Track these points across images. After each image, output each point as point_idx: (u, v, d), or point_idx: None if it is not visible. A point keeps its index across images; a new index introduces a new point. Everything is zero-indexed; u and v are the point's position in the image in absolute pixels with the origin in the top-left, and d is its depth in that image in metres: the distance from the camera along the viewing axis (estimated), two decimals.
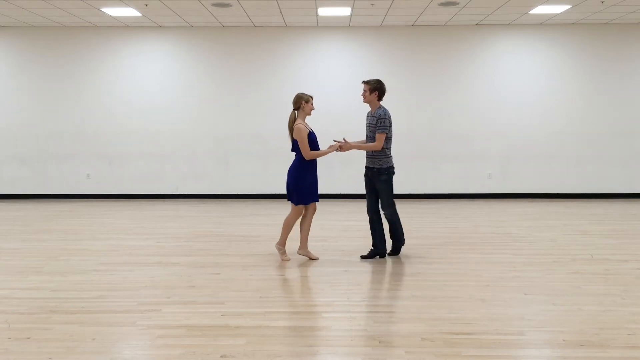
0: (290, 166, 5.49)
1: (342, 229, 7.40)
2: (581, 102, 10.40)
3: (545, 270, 5.20)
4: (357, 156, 9.83)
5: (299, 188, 5.38)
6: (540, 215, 8.50)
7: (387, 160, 5.46)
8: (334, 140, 5.51)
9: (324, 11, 9.08)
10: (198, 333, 3.60)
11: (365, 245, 5.91)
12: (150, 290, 4.57)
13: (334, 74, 10.38)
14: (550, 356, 3.31)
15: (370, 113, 5.53)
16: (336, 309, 4.10)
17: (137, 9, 8.87)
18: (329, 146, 5.44)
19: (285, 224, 5.57)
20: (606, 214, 8.62)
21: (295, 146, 5.40)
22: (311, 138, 5.36)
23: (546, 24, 10.22)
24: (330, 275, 5.05)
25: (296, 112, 5.39)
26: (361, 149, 5.55)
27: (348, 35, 10.38)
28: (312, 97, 5.44)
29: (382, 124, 5.33)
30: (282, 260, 5.54)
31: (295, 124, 5.34)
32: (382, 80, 5.50)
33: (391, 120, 5.41)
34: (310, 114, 5.42)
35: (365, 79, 5.57)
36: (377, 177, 5.48)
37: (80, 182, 10.61)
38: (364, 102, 5.52)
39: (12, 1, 8.41)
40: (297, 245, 5.72)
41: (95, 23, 10.01)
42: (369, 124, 5.50)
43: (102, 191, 10.62)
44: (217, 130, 10.53)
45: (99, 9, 8.89)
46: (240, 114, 10.49)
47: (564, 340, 3.48)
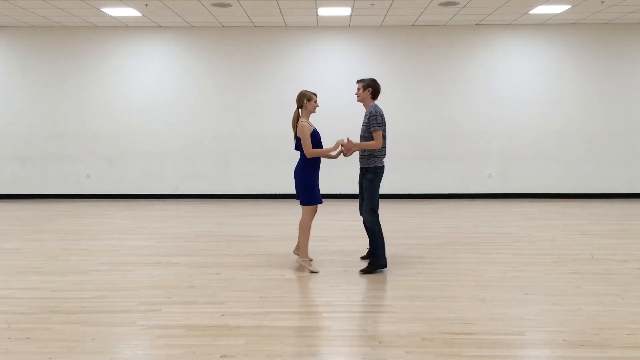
0: (296, 167, 5.30)
1: (342, 229, 7.40)
2: (581, 102, 10.41)
3: (545, 270, 5.20)
4: (357, 156, 9.88)
5: (310, 188, 5.18)
6: (540, 215, 8.50)
7: (374, 159, 5.15)
8: (337, 144, 5.20)
9: (324, 11, 9.08)
10: (198, 333, 3.60)
11: (366, 245, 5.90)
12: (150, 290, 4.57)
13: (334, 74, 10.38)
14: (550, 356, 3.31)
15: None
16: (336, 309, 4.10)
17: (137, 9, 8.87)
18: (334, 145, 5.20)
19: (302, 229, 5.24)
20: (606, 214, 8.62)
21: (299, 145, 5.21)
22: (315, 137, 5.19)
23: (546, 24, 10.22)
24: (330, 275, 5.05)
25: (300, 110, 5.23)
26: (363, 147, 5.15)
27: (348, 35, 10.38)
28: (315, 95, 5.24)
29: (375, 121, 5.05)
30: (312, 273, 5.15)
31: (299, 121, 5.17)
32: (378, 80, 5.26)
33: (384, 118, 5.14)
34: (314, 111, 5.24)
35: (364, 76, 5.32)
36: (365, 176, 5.21)
37: (80, 182, 10.61)
38: (358, 100, 5.28)
39: (12, 1, 8.41)
40: (293, 245, 5.71)
41: (95, 23, 10.01)
42: (363, 123, 5.23)
43: (102, 191, 10.63)
44: (217, 130, 10.53)
45: (99, 9, 8.89)
46: (240, 114, 10.49)
47: (564, 340, 3.48)
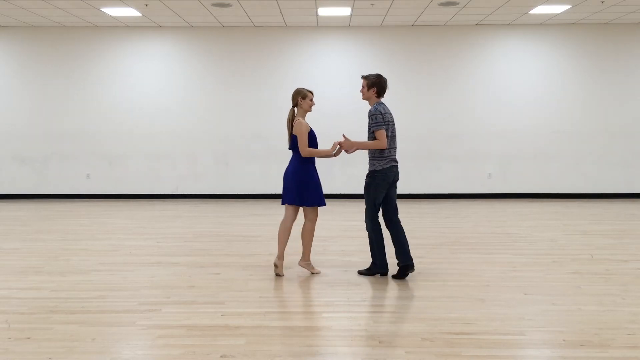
0: (288, 167, 5.03)
1: (342, 229, 7.39)
2: (581, 102, 10.41)
3: (545, 270, 5.19)
4: (357, 156, 9.84)
5: (314, 186, 4.97)
6: (540, 215, 8.50)
7: (373, 162, 4.87)
8: (335, 145, 4.95)
9: (324, 11, 9.08)
10: (198, 333, 3.60)
11: (366, 245, 5.89)
12: (150, 290, 4.56)
13: (334, 74, 10.38)
14: (550, 356, 3.30)
15: None
16: (336, 309, 4.10)
17: (137, 9, 8.87)
18: (331, 146, 4.92)
19: (306, 233, 5.04)
20: (606, 214, 8.62)
21: (294, 144, 4.95)
22: (311, 137, 4.96)
23: (546, 24, 10.22)
24: (330, 275, 5.05)
25: (295, 109, 5.01)
26: (364, 148, 4.89)
27: (348, 35, 10.38)
28: (311, 92, 5.01)
29: (375, 120, 4.75)
30: (313, 274, 5.07)
31: (295, 120, 4.96)
32: (383, 75, 4.95)
33: (389, 117, 4.82)
34: (309, 110, 5.01)
35: (364, 73, 5.04)
36: (365, 180, 4.97)
37: (80, 182, 10.61)
38: (363, 99, 4.98)
39: (12, 1, 8.41)
40: (297, 245, 5.65)
41: (95, 23, 10.02)
42: (368, 124, 4.89)
43: (102, 191, 10.62)
44: (217, 130, 10.53)
45: (99, 9, 8.90)
46: (240, 114, 10.50)
47: (564, 340, 3.48)
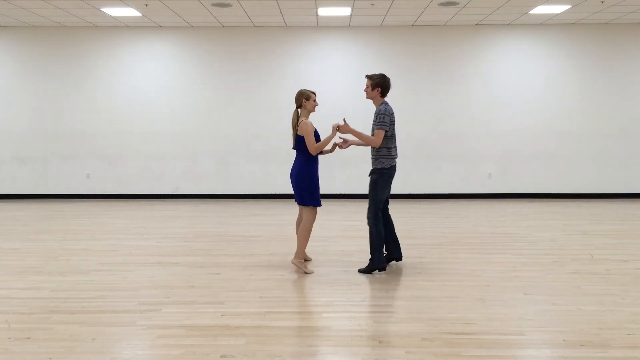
0: (294, 167, 5.18)
1: (342, 229, 7.39)
2: (581, 102, 10.41)
3: (545, 270, 5.20)
4: (357, 156, 9.89)
5: (313, 187, 5.10)
6: (540, 215, 8.50)
7: (381, 160, 5.02)
8: (335, 126, 5.04)
9: (324, 11, 9.07)
10: (198, 333, 3.60)
11: (366, 245, 5.89)
12: (150, 290, 4.57)
13: (334, 74, 10.38)
14: (550, 356, 3.31)
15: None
16: (336, 309, 4.10)
17: (137, 9, 8.87)
18: (332, 130, 5.03)
19: (303, 231, 5.15)
20: (606, 214, 8.62)
21: (299, 144, 5.10)
22: (315, 136, 5.10)
23: (546, 24, 10.22)
24: (330, 275, 5.05)
25: (299, 110, 5.16)
26: (359, 137, 5.05)
27: (348, 35, 10.38)
28: (314, 94, 5.15)
29: (381, 120, 4.92)
30: (306, 273, 5.12)
31: (299, 120, 5.09)
32: (386, 75, 5.08)
33: (393, 117, 5.02)
34: (313, 110, 5.15)
35: (368, 73, 5.18)
36: (370, 176, 5.10)
37: (80, 182, 10.61)
38: (367, 98, 5.11)
39: (12, 1, 8.41)
40: (291, 244, 5.68)
41: (95, 23, 10.02)
42: (373, 122, 5.08)
43: (102, 191, 10.63)
44: (217, 130, 10.53)
45: (99, 9, 8.90)
46: (240, 114, 10.49)
47: (564, 340, 3.48)
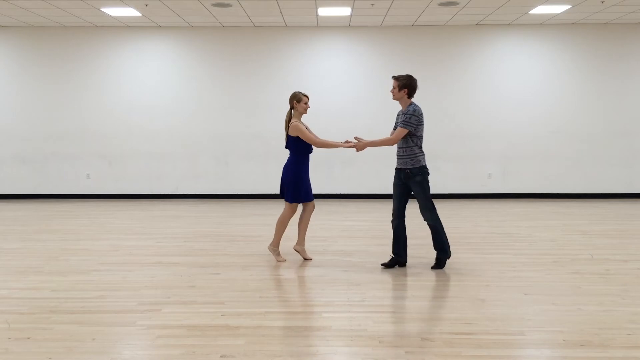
0: (286, 164, 5.44)
1: (342, 229, 7.39)
2: (581, 102, 10.41)
3: (545, 270, 5.20)
4: (357, 156, 9.88)
5: (296, 185, 5.34)
6: (540, 215, 8.50)
7: (418, 159, 5.10)
8: (347, 141, 5.30)
9: (324, 11, 9.07)
10: (198, 333, 3.60)
11: (366, 245, 5.91)
12: (150, 290, 4.56)
13: (334, 74, 10.37)
14: (550, 356, 3.31)
15: (401, 111, 5.23)
16: (336, 309, 4.10)
17: (137, 9, 8.87)
18: (345, 141, 5.31)
19: (279, 223, 5.51)
20: (606, 214, 8.62)
21: (290, 143, 5.36)
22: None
23: (546, 24, 10.22)
24: (330, 275, 5.05)
25: (292, 111, 5.38)
26: (375, 145, 5.25)
27: (348, 35, 10.37)
28: (306, 96, 5.36)
29: (408, 119, 5.02)
30: (278, 262, 5.47)
31: (291, 122, 5.32)
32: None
33: (422, 118, 5.10)
34: (305, 112, 5.36)
35: (395, 74, 5.29)
36: (412, 179, 5.11)
37: (80, 182, 10.61)
38: (393, 99, 5.22)
39: (12, 1, 8.41)
40: (291, 244, 5.73)
41: (95, 23, 10.02)
42: (399, 121, 5.17)
43: (102, 191, 10.62)
44: (217, 130, 10.53)
45: (99, 9, 8.90)
46: (240, 113, 10.49)
47: (564, 340, 3.48)
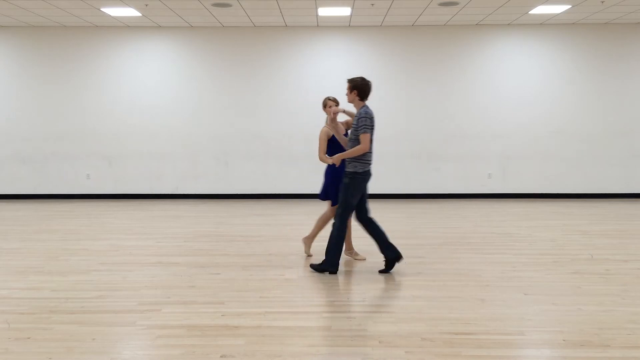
0: (329, 166, 5.47)
1: None
2: (581, 102, 10.41)
3: (545, 270, 5.20)
4: None
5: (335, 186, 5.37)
6: (540, 215, 8.50)
7: (353, 164, 4.92)
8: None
9: (324, 11, 9.07)
10: (198, 333, 3.60)
11: (365, 245, 5.90)
12: (150, 290, 4.57)
13: (334, 74, 10.36)
14: (550, 356, 3.31)
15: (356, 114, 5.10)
16: (336, 309, 4.10)
17: (137, 9, 8.87)
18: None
19: (322, 220, 5.65)
20: (606, 214, 8.62)
21: (328, 148, 5.42)
22: (332, 142, 5.36)
23: (546, 24, 10.22)
24: (330, 275, 5.05)
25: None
26: (349, 156, 4.94)
27: (348, 35, 10.37)
28: (331, 100, 5.34)
29: (363, 123, 4.82)
30: (304, 253, 5.72)
31: (323, 127, 5.40)
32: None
33: (374, 121, 4.92)
34: (332, 116, 5.21)
35: (349, 77, 5.10)
36: (343, 179, 5.02)
37: (80, 182, 10.61)
38: (348, 101, 5.05)
39: (12, 1, 8.41)
40: (293, 245, 5.74)
41: (95, 23, 10.01)
42: (352, 126, 4.98)
43: (102, 191, 10.62)
44: (217, 130, 10.52)
45: (99, 9, 8.89)
46: (240, 113, 10.49)
47: (564, 340, 3.48)
